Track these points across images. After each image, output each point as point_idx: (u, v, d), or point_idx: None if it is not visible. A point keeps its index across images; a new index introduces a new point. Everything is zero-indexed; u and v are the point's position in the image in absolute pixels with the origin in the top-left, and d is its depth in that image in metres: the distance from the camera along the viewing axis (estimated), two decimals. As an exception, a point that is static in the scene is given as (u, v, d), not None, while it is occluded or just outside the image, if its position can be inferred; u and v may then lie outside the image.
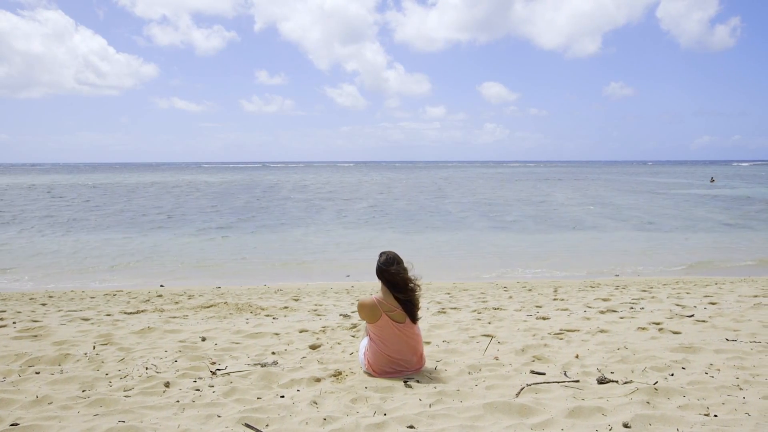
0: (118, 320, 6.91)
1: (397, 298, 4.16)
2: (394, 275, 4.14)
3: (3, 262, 14.47)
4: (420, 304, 4.29)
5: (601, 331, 5.74)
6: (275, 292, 10.17)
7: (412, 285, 4.19)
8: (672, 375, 4.06)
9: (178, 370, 4.40)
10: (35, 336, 5.69)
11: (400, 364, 4.21)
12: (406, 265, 4.29)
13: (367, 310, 4.20)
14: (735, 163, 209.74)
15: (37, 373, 4.34)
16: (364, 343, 4.42)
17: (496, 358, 4.68)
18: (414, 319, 4.22)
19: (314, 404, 3.58)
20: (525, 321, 6.49)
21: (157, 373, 4.34)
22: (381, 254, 4.34)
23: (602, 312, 7.06)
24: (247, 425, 3.14)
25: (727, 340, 5.17)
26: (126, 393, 3.84)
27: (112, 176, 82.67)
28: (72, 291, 10.49)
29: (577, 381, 3.93)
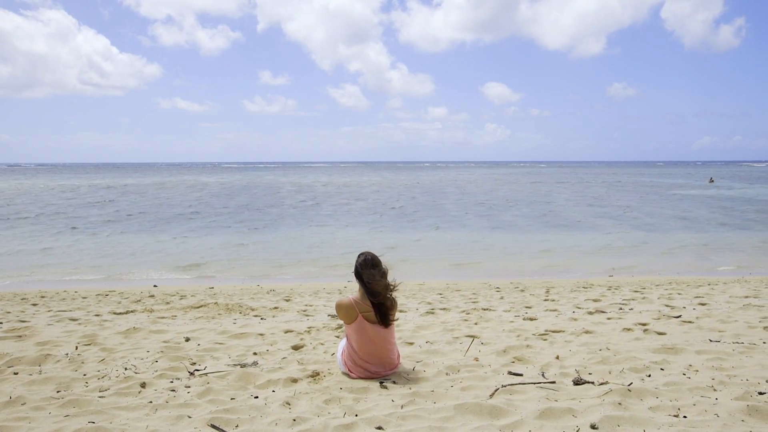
0: (105, 320, 6.91)
1: (371, 301, 4.15)
2: (369, 278, 4.13)
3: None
4: (396, 308, 4.27)
5: (586, 332, 5.72)
6: (267, 293, 10.18)
7: (385, 291, 4.16)
8: (649, 376, 4.04)
9: (156, 371, 4.40)
10: (20, 336, 5.69)
11: (376, 365, 4.20)
12: (384, 267, 4.27)
13: (344, 311, 4.20)
14: (754, 164, 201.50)
15: (16, 373, 4.34)
16: (343, 343, 4.41)
17: (476, 359, 4.67)
18: (387, 323, 4.19)
19: (287, 405, 3.58)
20: (512, 322, 6.47)
21: (136, 373, 4.34)
22: (359, 255, 4.33)
23: (590, 313, 7.04)
24: (213, 426, 3.13)
25: (710, 341, 5.15)
26: (101, 394, 3.84)
27: (162, 177, 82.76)
28: (65, 291, 10.51)
29: (553, 382, 3.92)
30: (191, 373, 4.34)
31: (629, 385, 3.72)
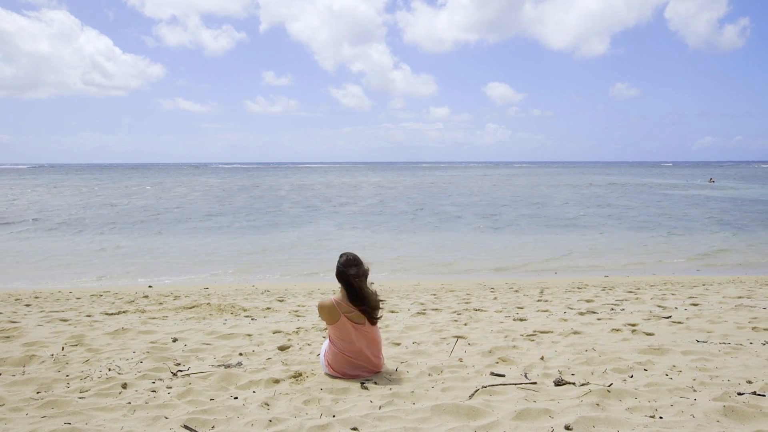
0: (96, 321, 6.91)
1: (353, 302, 4.14)
2: (351, 279, 4.12)
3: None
4: (378, 307, 4.27)
5: (574, 333, 5.71)
6: (262, 293, 10.17)
7: (367, 290, 4.16)
8: (631, 377, 4.03)
9: (140, 372, 4.40)
10: (7, 337, 5.69)
11: (358, 366, 4.19)
12: (366, 267, 4.27)
13: (326, 312, 4.19)
14: (755, 164, 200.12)
15: (-1, 374, 4.35)
16: (326, 344, 4.41)
17: (460, 360, 4.66)
18: (373, 320, 4.20)
19: (265, 406, 3.57)
20: (501, 322, 6.45)
21: (119, 374, 4.33)
22: (341, 255, 4.32)
23: (581, 313, 7.01)
24: (186, 427, 3.13)
25: (698, 341, 5.13)
26: (81, 395, 3.84)
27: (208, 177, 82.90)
28: (59, 291, 10.52)
29: (534, 383, 3.91)
30: (174, 374, 4.34)
31: (609, 385, 3.71)
